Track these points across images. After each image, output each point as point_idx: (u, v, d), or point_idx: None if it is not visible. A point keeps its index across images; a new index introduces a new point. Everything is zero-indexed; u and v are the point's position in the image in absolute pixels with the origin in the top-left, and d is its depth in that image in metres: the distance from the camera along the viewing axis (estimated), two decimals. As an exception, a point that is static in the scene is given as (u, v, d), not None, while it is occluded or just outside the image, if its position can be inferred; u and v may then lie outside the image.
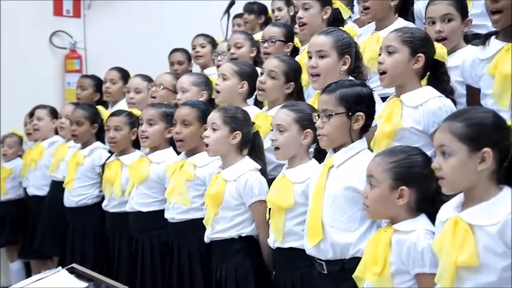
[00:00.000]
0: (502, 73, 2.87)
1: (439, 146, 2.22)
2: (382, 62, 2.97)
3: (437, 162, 2.22)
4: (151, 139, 4.08)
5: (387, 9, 3.65)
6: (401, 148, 2.54)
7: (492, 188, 2.19)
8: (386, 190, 2.44)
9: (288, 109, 3.20)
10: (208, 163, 3.70)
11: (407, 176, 2.42)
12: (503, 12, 2.85)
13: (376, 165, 2.47)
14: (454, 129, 2.19)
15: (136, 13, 7.15)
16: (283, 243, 3.11)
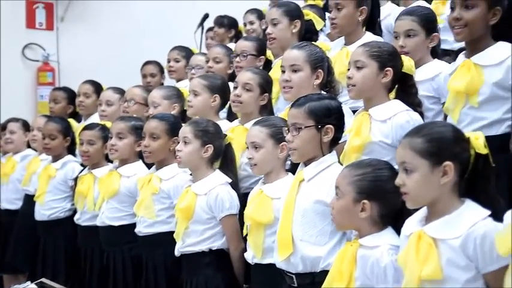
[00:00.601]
0: (454, 89, 2.94)
1: (401, 162, 2.25)
2: (351, 77, 3.01)
3: (401, 179, 2.25)
4: (120, 152, 4.09)
5: (355, 24, 3.70)
6: (369, 161, 2.57)
7: (454, 201, 2.22)
8: (349, 202, 2.47)
9: (260, 125, 3.22)
10: (174, 176, 3.73)
11: (370, 190, 2.45)
12: (465, 27, 2.90)
13: (343, 177, 2.50)
14: (414, 145, 2.22)
15: (109, 25, 7.15)
16: (262, 260, 3.12)
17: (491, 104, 2.87)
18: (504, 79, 2.85)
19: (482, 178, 2.22)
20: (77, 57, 7.07)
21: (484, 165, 2.22)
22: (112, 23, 7.14)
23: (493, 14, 2.90)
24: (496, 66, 2.87)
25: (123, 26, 7.10)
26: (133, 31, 7.04)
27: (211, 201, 3.41)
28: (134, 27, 7.06)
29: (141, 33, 7.00)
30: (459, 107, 2.92)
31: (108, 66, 6.76)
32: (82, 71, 6.30)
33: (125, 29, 7.08)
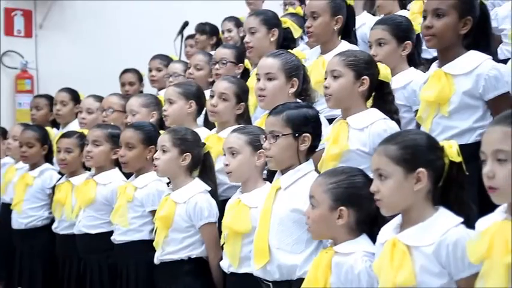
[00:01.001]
0: (425, 98, 2.97)
1: (376, 169, 2.27)
2: (328, 87, 3.03)
3: (375, 185, 2.27)
4: (95, 159, 4.09)
5: (330, 33, 3.73)
6: (342, 169, 2.58)
7: (428, 208, 2.24)
8: (326, 210, 2.48)
9: (238, 132, 3.23)
10: (147, 184, 3.74)
11: (346, 197, 2.46)
12: (435, 35, 2.94)
13: (317, 186, 2.51)
14: (388, 152, 2.24)
15: (89, 33, 7.13)
16: (238, 269, 3.12)
17: (462, 113, 2.90)
18: (474, 88, 2.88)
19: (455, 186, 2.25)
20: (56, 64, 7.05)
21: (458, 173, 2.24)
22: (91, 30, 7.13)
23: (464, 23, 2.93)
24: (466, 76, 2.90)
25: (102, 34, 7.09)
26: (113, 39, 7.03)
27: (190, 210, 3.41)
28: (113, 35, 7.05)
29: (120, 41, 7.00)
30: (431, 116, 2.95)
31: (87, 74, 6.74)
32: (61, 79, 6.29)
33: (104, 37, 7.07)
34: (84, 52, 7.03)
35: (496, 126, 2.00)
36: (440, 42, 2.94)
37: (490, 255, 1.97)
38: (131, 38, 6.93)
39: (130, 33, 6.98)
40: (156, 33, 6.70)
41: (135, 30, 6.95)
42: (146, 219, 3.73)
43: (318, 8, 3.73)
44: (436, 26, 2.92)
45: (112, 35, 7.04)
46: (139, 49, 6.21)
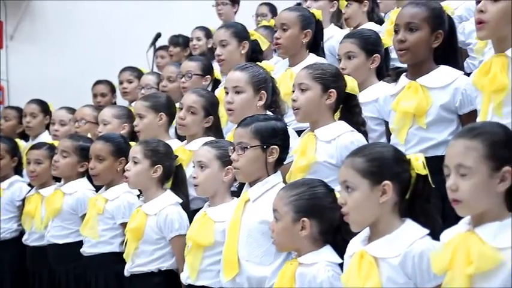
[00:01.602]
0: (401, 110, 2.99)
1: (343, 181, 2.30)
2: (296, 100, 3.05)
3: (342, 198, 2.29)
4: (60, 170, 4.11)
5: (299, 46, 3.75)
6: (303, 181, 2.61)
7: (395, 220, 2.27)
8: (289, 223, 2.50)
9: (209, 146, 3.24)
10: (118, 196, 3.74)
11: (308, 208, 2.49)
12: (408, 49, 2.97)
13: (279, 199, 2.54)
14: (355, 164, 2.27)
15: (59, 45, 7.11)
16: (196, 281, 3.13)
17: (438, 126, 2.94)
18: (450, 102, 2.92)
19: (421, 199, 2.28)
20: (27, 76, 7.01)
21: (424, 186, 2.27)
22: (62, 42, 7.10)
23: (435, 37, 2.97)
24: (442, 89, 2.94)
25: (74, 45, 7.07)
26: (84, 51, 7.01)
27: (161, 222, 3.41)
28: (85, 46, 7.03)
29: (91, 53, 6.98)
30: (406, 128, 2.98)
31: (58, 86, 6.71)
32: (32, 90, 6.23)
33: (75, 48, 7.05)
34: (55, 63, 7.00)
35: (459, 140, 2.03)
36: (414, 56, 2.98)
37: (452, 266, 1.99)
38: (103, 49, 6.92)
39: (102, 44, 6.96)
40: (128, 45, 6.70)
41: (107, 42, 6.93)
42: (117, 232, 3.73)
43: (288, 20, 3.76)
44: (409, 40, 2.95)
45: (83, 46, 7.03)
46: (112, 60, 6.20)
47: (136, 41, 6.43)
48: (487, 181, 1.98)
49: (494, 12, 2.58)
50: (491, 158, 1.97)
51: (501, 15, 2.58)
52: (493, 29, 2.60)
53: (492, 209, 2.00)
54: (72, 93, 6.14)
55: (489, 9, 2.59)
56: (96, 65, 6.66)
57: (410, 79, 3.01)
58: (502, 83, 2.56)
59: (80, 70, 6.82)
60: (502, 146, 1.98)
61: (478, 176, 1.98)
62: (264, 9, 6.04)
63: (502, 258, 1.92)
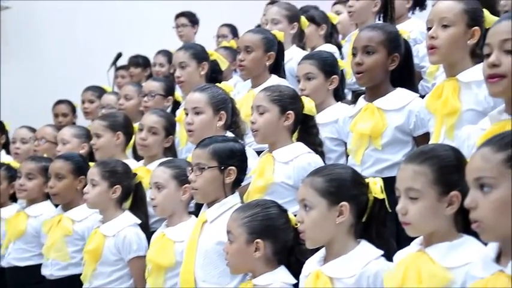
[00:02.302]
0: (358, 131, 3.05)
1: (301, 200, 2.33)
2: (254, 122, 3.09)
3: (300, 216, 2.32)
4: (28, 192, 4.07)
5: (262, 68, 3.79)
6: (256, 202, 2.63)
7: (350, 241, 2.30)
8: (242, 244, 2.52)
9: (164, 166, 3.25)
10: (87, 217, 3.72)
11: (262, 229, 2.51)
12: (365, 72, 3.02)
13: (233, 221, 2.56)
14: (315, 184, 2.30)
15: (19, 64, 7.05)
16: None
17: (393, 147, 2.99)
18: (405, 124, 2.98)
19: (377, 222, 2.31)
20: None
21: (380, 209, 2.31)
22: (22, 61, 7.05)
23: (392, 60, 3.03)
24: (398, 112, 3.00)
25: (34, 64, 7.02)
26: (45, 69, 6.96)
27: (119, 243, 3.40)
28: (45, 65, 6.99)
29: (52, 71, 6.94)
30: (362, 149, 3.02)
31: (19, 105, 6.65)
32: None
33: (36, 67, 7.00)
34: (15, 83, 6.93)
35: (408, 164, 2.07)
36: (371, 79, 3.03)
37: (404, 285, 2.02)
38: (64, 68, 6.88)
39: (63, 63, 6.93)
40: (89, 64, 6.68)
41: (68, 61, 6.90)
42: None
43: (251, 42, 3.80)
44: (366, 63, 3.01)
45: (44, 65, 6.98)
46: (72, 80, 6.18)
47: (97, 61, 6.41)
48: (435, 205, 2.02)
49: (445, 38, 2.65)
50: (439, 183, 2.01)
51: (451, 41, 2.65)
52: (444, 54, 2.67)
53: (441, 231, 2.04)
54: (33, 113, 6.09)
55: (440, 36, 2.66)
56: (57, 85, 6.62)
57: (368, 101, 3.07)
58: (453, 107, 2.63)
59: (40, 89, 6.77)
60: (451, 171, 2.02)
61: (426, 200, 2.02)
62: (224, 30, 6.09)
63: (451, 278, 1.95)
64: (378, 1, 4.02)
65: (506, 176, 1.67)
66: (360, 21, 4.05)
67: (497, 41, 2.16)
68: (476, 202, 1.70)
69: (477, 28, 2.67)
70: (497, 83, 2.16)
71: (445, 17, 2.67)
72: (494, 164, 1.68)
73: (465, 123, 2.54)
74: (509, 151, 1.68)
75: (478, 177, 1.71)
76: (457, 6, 2.68)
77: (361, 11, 4.03)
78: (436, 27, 2.67)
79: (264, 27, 4.26)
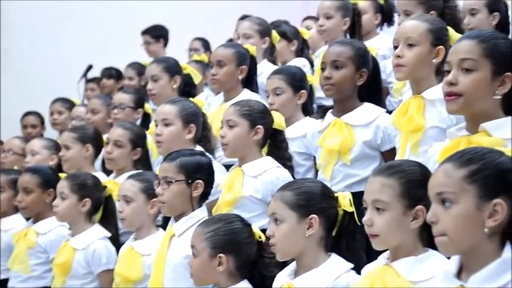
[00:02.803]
0: (326, 147, 3.09)
1: (272, 213, 2.35)
2: (224, 136, 3.11)
3: (270, 229, 2.35)
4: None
5: (234, 81, 3.81)
6: (219, 217, 2.66)
7: (321, 255, 2.33)
8: (206, 258, 2.54)
9: (133, 179, 3.26)
10: (51, 230, 3.71)
11: (224, 244, 2.53)
12: (334, 86, 3.07)
13: (196, 235, 2.57)
14: (284, 197, 2.33)
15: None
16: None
17: (362, 162, 3.03)
18: (373, 139, 3.03)
19: (347, 235, 2.34)
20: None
21: (349, 222, 2.34)
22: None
23: (359, 75, 3.08)
24: (365, 127, 3.04)
25: (3, 75, 6.96)
26: (15, 80, 6.91)
27: (88, 256, 3.41)
28: (16, 76, 6.94)
29: (22, 82, 6.89)
30: (331, 164, 3.06)
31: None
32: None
33: (6, 79, 6.95)
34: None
35: (376, 177, 2.11)
36: (339, 92, 3.08)
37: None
38: (34, 79, 6.84)
39: (33, 74, 6.88)
40: (59, 76, 6.65)
41: (37, 72, 6.86)
42: (49, 266, 3.67)
43: (224, 57, 3.81)
44: (335, 77, 3.05)
45: (14, 76, 6.93)
46: (43, 91, 6.16)
47: (67, 72, 6.39)
48: (401, 218, 2.06)
49: (410, 57, 2.71)
50: (406, 196, 2.06)
51: (417, 60, 2.71)
52: (410, 72, 2.73)
53: (407, 245, 2.08)
54: (1, 124, 6.05)
55: (406, 55, 2.72)
56: (27, 96, 6.58)
57: (336, 116, 3.11)
58: (418, 124, 2.68)
59: (10, 101, 6.72)
60: (417, 186, 2.05)
61: (392, 212, 2.06)
62: (196, 44, 6.11)
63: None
64: (347, 20, 4.10)
65: (466, 192, 1.70)
66: (330, 39, 4.11)
67: (456, 60, 2.21)
68: (438, 217, 1.73)
69: (441, 47, 2.73)
70: (454, 101, 2.22)
71: (411, 36, 2.72)
72: (455, 179, 1.72)
73: (429, 140, 2.60)
74: (470, 167, 1.71)
75: (440, 192, 1.74)
76: (422, 25, 2.74)
77: (332, 30, 4.11)
78: (402, 46, 2.72)
79: (236, 41, 4.29)
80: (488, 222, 1.69)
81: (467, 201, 1.70)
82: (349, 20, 4.10)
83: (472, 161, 1.72)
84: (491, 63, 2.17)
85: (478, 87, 2.17)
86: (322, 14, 4.13)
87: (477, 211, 1.70)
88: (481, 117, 2.20)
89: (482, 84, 2.17)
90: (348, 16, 4.11)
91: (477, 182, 1.70)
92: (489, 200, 1.69)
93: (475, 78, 2.17)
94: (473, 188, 1.70)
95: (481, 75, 2.17)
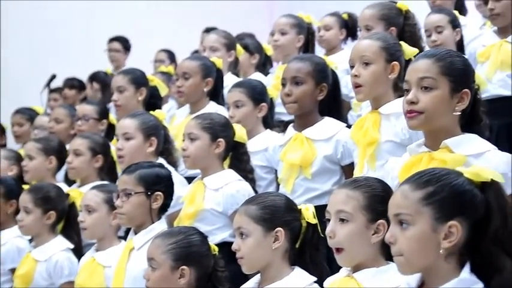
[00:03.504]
0: (288, 161, 3.12)
1: (237, 228, 2.37)
2: (185, 149, 3.13)
3: (236, 244, 2.36)
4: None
5: (200, 94, 3.82)
6: (178, 229, 2.66)
7: (285, 267, 2.35)
8: (167, 271, 2.53)
9: (97, 190, 3.26)
10: (7, 241, 3.69)
11: (187, 256, 2.53)
12: (295, 102, 3.10)
13: (156, 248, 2.56)
14: (249, 211, 2.36)
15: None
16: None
17: (322, 176, 3.07)
18: (333, 154, 3.07)
19: (311, 247, 2.37)
20: None
21: (313, 235, 2.37)
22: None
23: (320, 90, 3.12)
24: (326, 141, 3.08)
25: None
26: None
27: (50, 268, 3.39)
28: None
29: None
30: (293, 178, 3.10)
31: None
32: None
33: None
34: None
35: (342, 189, 2.16)
36: (300, 108, 3.11)
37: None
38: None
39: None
40: (21, 85, 6.60)
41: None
42: (5, 277, 3.65)
43: (189, 69, 3.83)
44: (295, 93, 3.08)
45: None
46: (5, 101, 6.11)
47: (31, 81, 6.34)
48: (363, 231, 2.11)
49: (367, 75, 2.76)
50: (369, 209, 2.11)
51: (373, 78, 2.76)
52: (369, 91, 2.78)
53: (368, 258, 2.12)
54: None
55: (362, 74, 2.77)
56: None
57: (297, 130, 3.14)
58: (372, 137, 2.73)
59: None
60: (380, 201, 2.10)
61: (355, 224, 2.10)
62: (162, 55, 6.11)
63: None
64: (301, 37, 4.16)
65: (422, 214, 1.73)
66: (284, 55, 4.17)
67: (415, 79, 2.25)
68: (395, 237, 1.76)
69: (396, 63, 2.78)
70: (415, 118, 2.26)
71: (365, 55, 2.77)
72: (412, 201, 1.74)
73: (385, 154, 2.65)
74: (427, 189, 1.74)
75: (397, 214, 1.77)
76: (375, 44, 2.79)
77: (285, 45, 4.16)
78: (357, 66, 2.77)
79: (202, 54, 4.32)
80: (443, 243, 1.72)
81: (423, 223, 1.73)
82: (303, 38, 4.17)
83: (429, 183, 1.75)
84: (449, 80, 2.22)
85: (438, 105, 2.22)
86: (277, 30, 4.19)
87: (433, 232, 1.73)
88: (440, 133, 2.25)
89: (442, 101, 2.22)
90: (302, 34, 4.17)
91: (433, 204, 1.73)
92: (445, 222, 1.72)
93: (434, 96, 2.22)
94: (429, 210, 1.73)
95: (440, 92, 2.22)
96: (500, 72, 3.49)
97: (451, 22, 3.97)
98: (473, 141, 2.24)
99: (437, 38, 3.93)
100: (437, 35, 3.94)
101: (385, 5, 3.54)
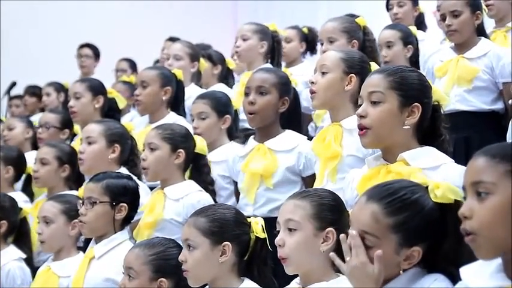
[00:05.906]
0: (250, 171, 3.14)
1: (185, 239, 2.37)
2: (145, 159, 3.12)
3: (183, 255, 2.36)
4: None
5: (158, 103, 3.83)
6: (158, 240, 2.64)
7: (234, 280, 2.35)
8: (146, 282, 2.52)
9: (54, 201, 3.24)
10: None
11: (166, 268, 2.53)
12: (258, 113, 3.13)
13: (136, 258, 2.55)
14: (198, 224, 2.35)
15: None
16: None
17: (283, 187, 3.09)
18: (295, 165, 3.10)
19: (259, 261, 2.37)
20: None
21: (262, 248, 2.37)
22: None
23: (282, 102, 3.14)
24: (288, 152, 3.11)
25: None
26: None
27: (2, 277, 3.33)
28: None
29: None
30: (254, 188, 3.12)
31: None
32: None
33: None
34: None
35: (290, 200, 2.18)
36: (262, 120, 3.14)
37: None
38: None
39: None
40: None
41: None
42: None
43: (147, 77, 3.84)
44: (259, 103, 3.11)
45: None
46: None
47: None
48: (312, 239, 2.11)
49: (322, 83, 2.81)
50: (317, 217, 2.12)
51: (327, 86, 2.81)
52: (322, 98, 2.83)
53: (317, 269, 2.12)
54: None
55: (318, 81, 2.82)
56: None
57: (258, 141, 3.17)
58: (335, 152, 2.76)
59: None
60: (328, 209, 2.13)
61: (303, 233, 2.11)
62: (123, 64, 6.09)
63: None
64: (264, 43, 4.14)
65: (389, 239, 1.77)
66: (247, 62, 4.18)
67: (366, 93, 2.30)
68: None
69: (353, 75, 2.81)
70: (365, 135, 2.30)
71: (324, 64, 2.83)
72: (381, 226, 1.77)
73: (347, 167, 2.67)
74: (398, 218, 1.78)
75: (364, 232, 1.79)
76: (336, 54, 2.85)
77: (247, 51, 4.14)
78: (317, 74, 2.83)
79: (164, 62, 4.30)
80: (403, 264, 1.79)
81: (387, 246, 1.77)
82: (266, 44, 4.14)
83: (401, 211, 1.79)
84: (398, 94, 2.26)
85: (384, 118, 2.26)
86: (239, 36, 4.18)
87: (395, 255, 1.78)
88: (395, 148, 2.28)
89: (389, 115, 2.26)
90: (265, 40, 4.15)
91: (402, 232, 1.77)
92: (409, 247, 1.78)
93: (381, 110, 2.26)
94: (396, 237, 1.77)
95: (388, 106, 2.26)
96: (457, 88, 3.55)
97: (402, 39, 4.05)
98: (429, 154, 2.28)
99: (386, 53, 4.01)
100: (387, 51, 4.02)
101: (346, 18, 3.62)
